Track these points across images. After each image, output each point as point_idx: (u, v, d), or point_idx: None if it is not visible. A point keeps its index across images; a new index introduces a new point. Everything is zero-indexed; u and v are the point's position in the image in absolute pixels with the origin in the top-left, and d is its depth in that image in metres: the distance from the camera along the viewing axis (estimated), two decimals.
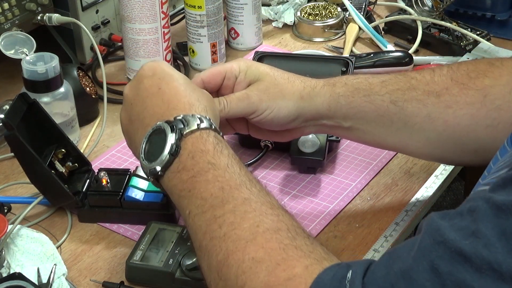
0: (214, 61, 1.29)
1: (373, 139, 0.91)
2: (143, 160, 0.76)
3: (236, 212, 0.69)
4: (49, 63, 1.03)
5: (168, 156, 0.73)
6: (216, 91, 0.88)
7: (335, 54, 1.33)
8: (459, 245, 0.53)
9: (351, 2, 1.40)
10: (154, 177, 0.75)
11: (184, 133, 0.74)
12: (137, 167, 0.97)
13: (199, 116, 0.75)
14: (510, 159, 0.65)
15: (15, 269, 0.83)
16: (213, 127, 0.75)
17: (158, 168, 0.74)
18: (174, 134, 0.73)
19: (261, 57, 1.17)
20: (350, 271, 0.60)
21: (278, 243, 0.65)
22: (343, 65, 1.18)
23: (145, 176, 0.80)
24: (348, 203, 0.97)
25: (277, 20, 1.44)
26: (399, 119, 0.88)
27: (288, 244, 0.65)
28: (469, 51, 1.26)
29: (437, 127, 0.88)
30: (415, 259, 0.56)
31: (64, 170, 0.96)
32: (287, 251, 0.65)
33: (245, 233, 0.67)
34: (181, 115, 0.75)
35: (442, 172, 1.04)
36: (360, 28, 1.37)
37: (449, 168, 1.04)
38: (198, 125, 0.74)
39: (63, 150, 0.97)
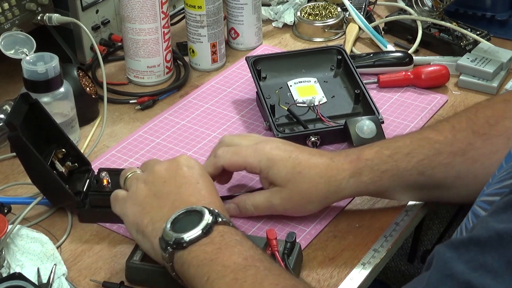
0: (214, 61, 1.29)
1: (403, 199, 0.95)
2: (169, 230, 0.77)
3: (257, 275, 0.72)
4: (49, 63, 1.02)
5: (200, 231, 0.76)
6: None
7: (324, 45, 1.33)
8: (468, 277, 0.53)
9: (351, 2, 1.40)
10: (175, 247, 0.76)
11: (219, 220, 0.78)
12: None
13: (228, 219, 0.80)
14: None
15: (15, 269, 0.83)
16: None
17: (186, 239, 0.76)
18: (211, 216, 0.77)
19: (255, 61, 1.17)
20: None
21: None
22: (336, 54, 1.18)
23: None
24: (348, 203, 0.97)
25: (277, 20, 1.44)
26: (429, 185, 0.90)
27: None
28: (469, 51, 1.26)
29: (468, 182, 0.89)
30: None
31: (64, 170, 0.96)
32: None
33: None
34: (216, 210, 0.79)
35: None
36: (360, 28, 1.37)
37: None
38: (230, 221, 0.79)
39: (63, 150, 0.97)
